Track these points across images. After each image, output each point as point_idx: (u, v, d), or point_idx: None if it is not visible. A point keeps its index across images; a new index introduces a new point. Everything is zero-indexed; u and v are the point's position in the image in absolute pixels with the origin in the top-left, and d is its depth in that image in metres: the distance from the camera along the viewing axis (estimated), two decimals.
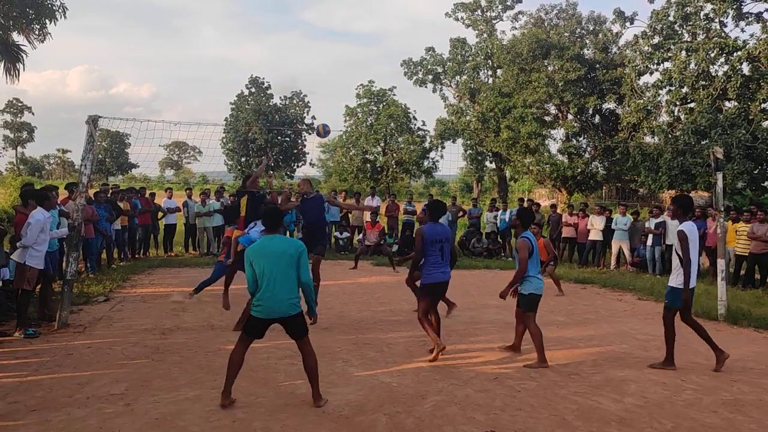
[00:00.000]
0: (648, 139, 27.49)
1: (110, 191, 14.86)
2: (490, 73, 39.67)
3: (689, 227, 6.82)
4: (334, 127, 11.06)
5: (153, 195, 16.95)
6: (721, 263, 9.83)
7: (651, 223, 15.07)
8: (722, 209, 10.14)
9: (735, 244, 13.31)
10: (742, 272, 13.36)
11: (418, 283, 7.64)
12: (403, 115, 37.86)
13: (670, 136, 25.15)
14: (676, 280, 6.88)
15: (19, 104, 72.24)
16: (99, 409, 5.29)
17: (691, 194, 28.76)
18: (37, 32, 18.92)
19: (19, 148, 75.15)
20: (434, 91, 41.19)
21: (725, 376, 6.74)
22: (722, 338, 8.62)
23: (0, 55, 19.00)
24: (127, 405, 5.40)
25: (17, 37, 19.32)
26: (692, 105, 25.24)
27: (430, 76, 40.51)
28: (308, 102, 56.58)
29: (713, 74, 24.33)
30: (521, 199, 19.70)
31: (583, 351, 7.68)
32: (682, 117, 25.81)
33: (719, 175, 9.91)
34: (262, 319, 5.40)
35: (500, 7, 39.18)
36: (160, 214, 16.48)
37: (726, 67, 23.75)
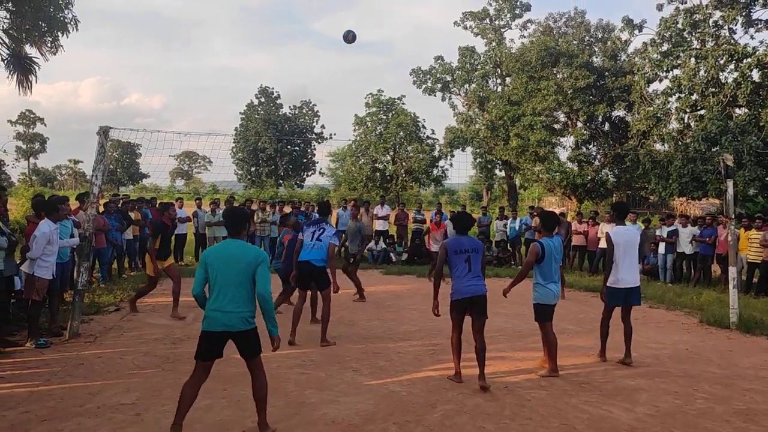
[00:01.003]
0: (658, 146, 27.36)
1: (121, 201, 14.96)
2: (499, 81, 39.71)
3: (615, 231, 7.62)
4: (343, 137, 11.43)
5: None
6: (732, 271, 9.75)
7: (663, 231, 14.99)
8: (733, 216, 10.07)
9: (747, 251, 13.21)
10: (755, 280, 13.24)
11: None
12: (413, 123, 37.93)
13: (680, 143, 25.01)
14: (609, 280, 7.57)
15: (32, 116, 73.02)
16: (109, 418, 5.31)
17: (702, 201, 28.68)
18: (49, 45, 19.11)
19: (32, 159, 75.87)
20: (443, 99, 41.27)
21: (738, 385, 6.68)
22: (734, 347, 8.57)
23: (13, 68, 19.19)
24: (138, 414, 5.42)
25: (30, 50, 19.53)
26: (702, 112, 25.11)
27: (439, 85, 40.59)
28: (318, 111, 57.13)
29: (723, 81, 24.22)
30: (531, 207, 19.63)
31: (594, 360, 7.63)
32: (692, 124, 25.67)
33: (730, 183, 9.86)
34: (209, 332, 4.82)
35: (509, 15, 39.25)
36: None
37: (736, 74, 23.62)
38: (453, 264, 6.44)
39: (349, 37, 11.78)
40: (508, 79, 37.97)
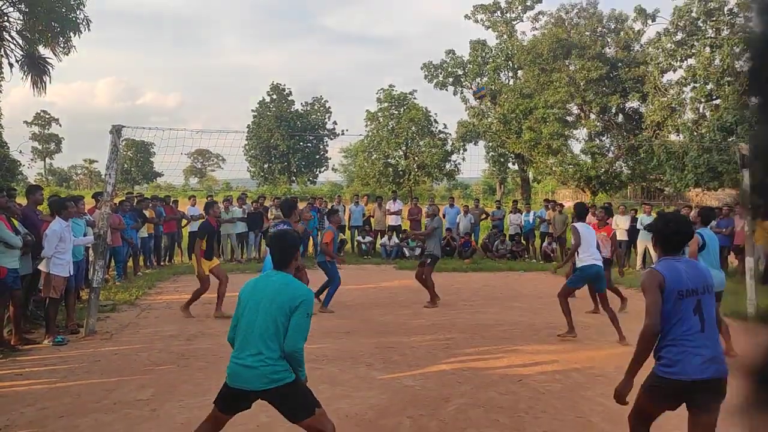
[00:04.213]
0: (673, 137, 27.21)
1: (135, 200, 15.06)
2: (510, 74, 39.51)
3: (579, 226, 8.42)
4: (355, 133, 11.45)
5: (176, 202, 17.15)
6: (749, 261, 9.63)
7: None
8: (750, 207, 9.95)
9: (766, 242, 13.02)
10: None
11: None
12: (424, 118, 37.91)
13: (695, 133, 24.83)
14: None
15: (47, 116, 73.61)
16: (125, 414, 5.35)
17: (718, 192, 28.41)
18: (62, 45, 19.35)
19: (48, 159, 76.59)
20: (455, 93, 41.09)
21: None
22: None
23: (27, 69, 19.44)
24: (153, 410, 5.45)
25: (43, 50, 19.77)
26: (718, 101, 24.90)
27: (451, 79, 40.42)
28: (329, 107, 57.21)
29: (739, 70, 23.96)
30: (547, 200, 19.53)
31: (609, 352, 7.57)
32: (708, 114, 25.48)
33: (746, 172, 9.74)
34: (228, 386, 3.77)
35: (520, 7, 38.98)
36: (184, 221, 16.65)
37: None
38: (672, 313, 3.56)
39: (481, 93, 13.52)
40: (519, 72, 37.81)
